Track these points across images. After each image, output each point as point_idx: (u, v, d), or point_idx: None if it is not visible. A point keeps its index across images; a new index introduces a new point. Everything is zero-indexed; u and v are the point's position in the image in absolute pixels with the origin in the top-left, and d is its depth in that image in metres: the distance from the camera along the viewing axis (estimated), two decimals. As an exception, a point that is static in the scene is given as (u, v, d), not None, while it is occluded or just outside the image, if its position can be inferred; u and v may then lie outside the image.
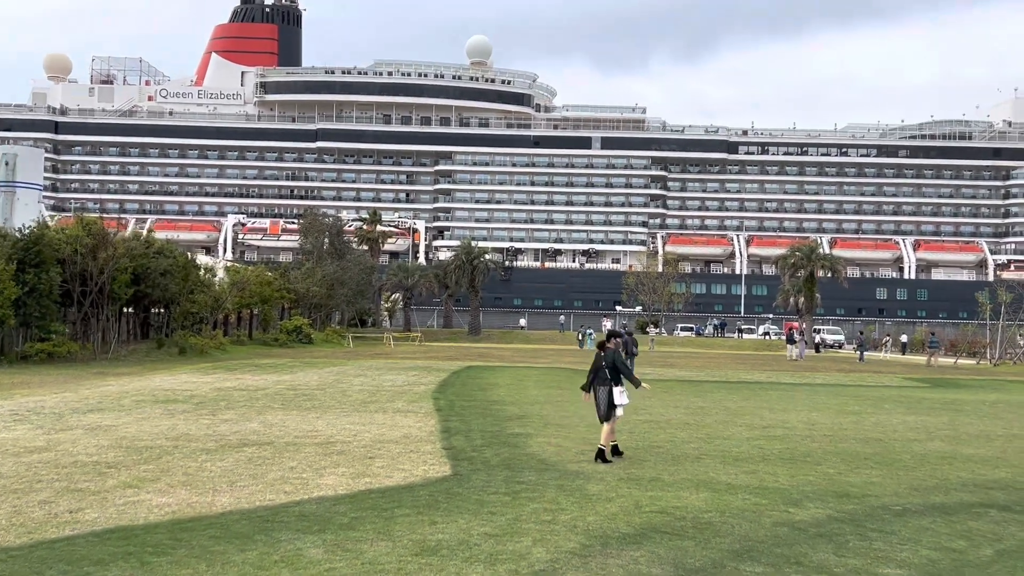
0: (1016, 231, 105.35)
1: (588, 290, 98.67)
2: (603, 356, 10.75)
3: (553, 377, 25.27)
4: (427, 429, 12.96)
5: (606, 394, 10.52)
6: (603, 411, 10.58)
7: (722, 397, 19.94)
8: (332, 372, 25.03)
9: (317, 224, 55.54)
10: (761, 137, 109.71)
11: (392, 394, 18.47)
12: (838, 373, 32.00)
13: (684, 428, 13.83)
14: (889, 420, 15.90)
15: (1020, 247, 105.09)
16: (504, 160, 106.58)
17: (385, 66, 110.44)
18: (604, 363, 10.65)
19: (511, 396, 18.60)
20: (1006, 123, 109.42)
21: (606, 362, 10.65)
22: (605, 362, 10.66)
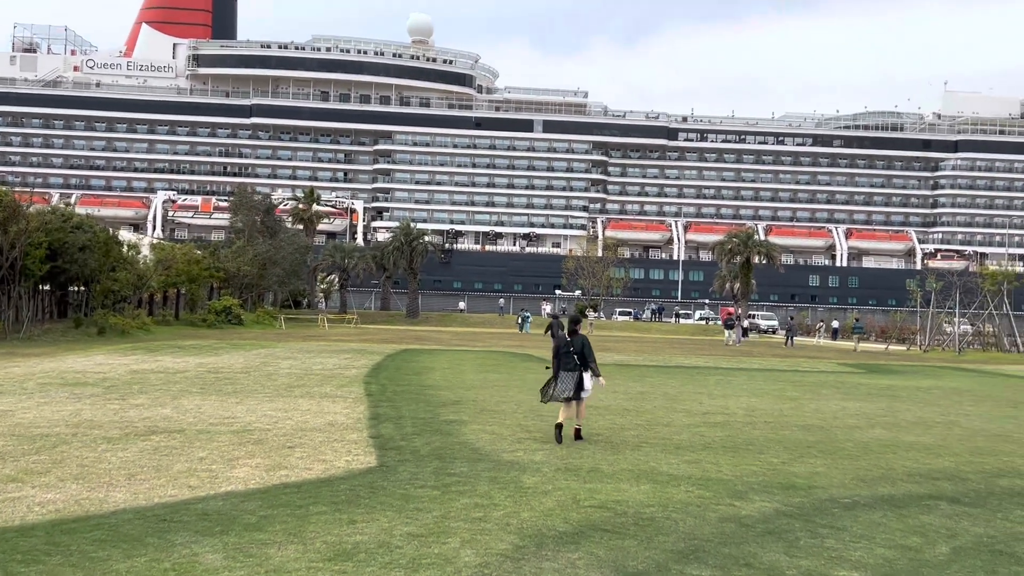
0: (943, 221, 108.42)
1: (528, 274, 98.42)
2: (571, 342, 10.76)
3: (491, 361, 24.69)
4: (355, 416, 12.23)
5: (574, 379, 10.58)
6: (570, 392, 10.61)
7: (661, 382, 19.61)
8: (260, 354, 24.01)
9: (248, 201, 53.79)
10: (700, 124, 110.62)
11: (321, 378, 17.65)
12: (774, 358, 32.13)
13: (624, 414, 13.38)
14: (828, 406, 15.71)
15: (947, 236, 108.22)
16: (445, 141, 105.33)
17: (323, 42, 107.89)
18: (572, 348, 10.68)
19: (446, 381, 17.95)
20: (936, 115, 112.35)
21: (574, 347, 10.69)
22: (573, 347, 10.69)
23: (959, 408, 16.35)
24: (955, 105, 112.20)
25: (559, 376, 10.65)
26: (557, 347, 10.85)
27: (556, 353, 10.79)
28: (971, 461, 10.28)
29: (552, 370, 10.81)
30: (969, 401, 17.74)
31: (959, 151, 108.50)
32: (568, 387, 10.58)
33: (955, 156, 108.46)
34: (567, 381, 10.59)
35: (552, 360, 10.89)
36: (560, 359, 10.68)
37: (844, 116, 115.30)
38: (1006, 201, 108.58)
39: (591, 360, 10.72)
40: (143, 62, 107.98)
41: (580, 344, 10.74)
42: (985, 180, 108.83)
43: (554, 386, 10.66)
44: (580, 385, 10.58)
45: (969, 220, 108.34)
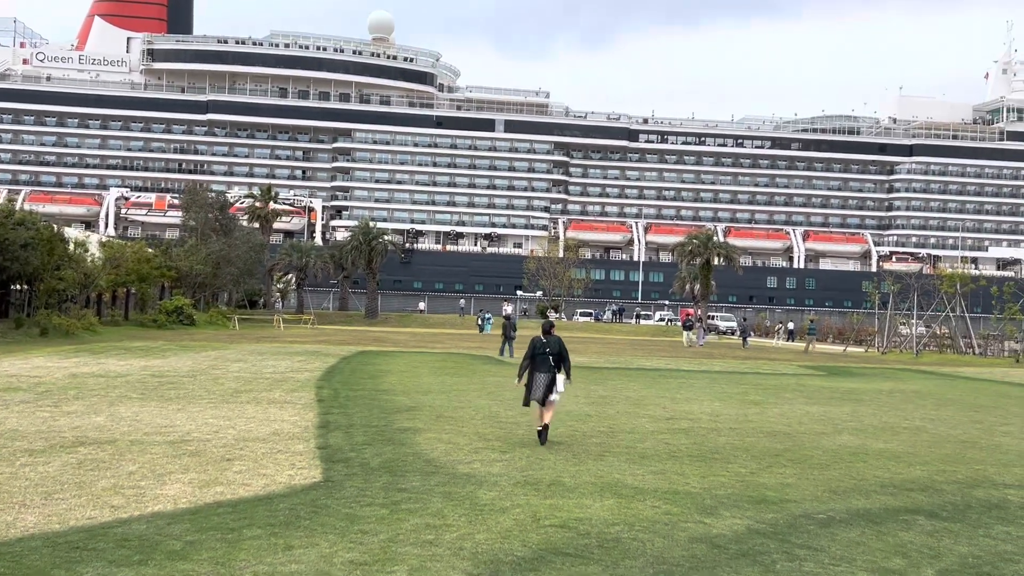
0: (898, 224, 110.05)
1: (489, 274, 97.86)
2: (547, 343, 10.74)
3: (450, 363, 24.09)
4: (303, 424, 11.56)
5: (547, 380, 10.56)
6: (540, 395, 10.56)
7: (623, 385, 19.19)
8: (209, 357, 23.13)
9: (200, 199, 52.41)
10: (661, 126, 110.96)
11: (271, 382, 16.90)
12: (734, 360, 31.96)
13: (585, 420, 12.89)
14: (793, 411, 15.40)
15: (901, 239, 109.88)
16: (406, 139, 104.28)
17: (282, 38, 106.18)
18: (548, 350, 10.65)
19: (403, 385, 17.32)
20: (891, 120, 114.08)
21: (550, 349, 10.67)
22: (549, 349, 10.66)
23: (923, 412, 16.15)
24: (910, 110, 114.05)
25: (533, 378, 10.59)
26: (532, 349, 10.72)
27: (531, 355, 10.70)
28: (943, 470, 9.96)
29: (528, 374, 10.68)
30: (932, 405, 17.58)
31: (914, 155, 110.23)
32: (539, 390, 10.50)
33: (910, 160, 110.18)
34: (539, 383, 10.53)
35: (524, 362, 10.78)
36: (535, 361, 10.60)
37: (802, 119, 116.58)
38: (959, 205, 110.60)
39: (566, 363, 10.66)
40: (95, 56, 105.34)
41: (556, 346, 10.67)
42: (939, 184, 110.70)
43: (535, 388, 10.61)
44: (551, 388, 10.48)
45: (923, 223, 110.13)
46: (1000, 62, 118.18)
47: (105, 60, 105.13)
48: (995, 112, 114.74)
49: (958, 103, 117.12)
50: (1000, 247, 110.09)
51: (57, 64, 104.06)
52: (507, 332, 28.77)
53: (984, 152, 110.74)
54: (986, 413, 16.50)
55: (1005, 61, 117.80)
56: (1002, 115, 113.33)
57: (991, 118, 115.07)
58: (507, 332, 28.77)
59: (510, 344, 28.70)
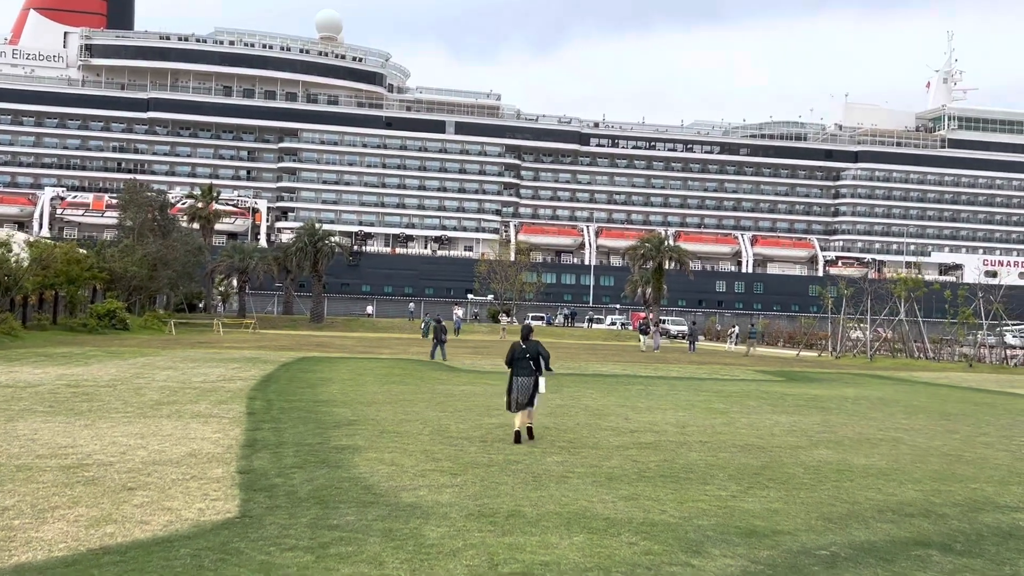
0: (844, 229, 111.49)
1: (440, 277, 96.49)
2: (526, 348, 11.18)
3: (397, 370, 22.80)
4: (226, 442, 10.23)
5: (531, 383, 11.02)
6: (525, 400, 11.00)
7: (580, 393, 18.15)
8: (136, 364, 21.50)
9: (138, 198, 50.12)
10: (612, 130, 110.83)
11: (199, 392, 15.46)
12: (690, 365, 31.23)
13: (544, 434, 11.79)
14: (762, 421, 14.50)
15: (847, 244, 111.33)
16: (354, 140, 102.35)
17: (227, 35, 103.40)
18: (528, 355, 11.11)
19: (344, 395, 16.03)
20: (837, 126, 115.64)
21: (529, 353, 11.13)
22: (528, 353, 11.13)
23: (894, 421, 15.40)
24: (855, 117, 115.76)
25: (514, 383, 10.98)
26: (512, 354, 11.16)
27: (511, 360, 11.12)
28: (938, 490, 9.07)
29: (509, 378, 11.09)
30: (901, 413, 16.87)
31: (859, 161, 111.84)
32: (525, 394, 10.94)
33: (855, 166, 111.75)
34: (524, 387, 10.94)
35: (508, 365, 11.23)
36: (515, 365, 11.03)
37: (750, 125, 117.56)
38: (902, 211, 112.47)
39: (547, 362, 11.22)
40: (30, 50, 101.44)
41: (535, 350, 11.14)
42: (883, 190, 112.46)
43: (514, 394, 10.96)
44: (536, 390, 11.01)
45: (868, 228, 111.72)
46: (941, 71, 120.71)
47: (40, 55, 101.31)
48: (937, 120, 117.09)
49: (901, 111, 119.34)
50: (942, 252, 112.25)
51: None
52: (438, 335, 28.50)
53: (927, 159, 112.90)
54: (958, 422, 15.82)
55: (946, 71, 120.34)
56: (943, 123, 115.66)
57: (933, 126, 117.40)
58: (438, 335, 28.50)
59: (442, 347, 28.49)
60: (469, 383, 19.62)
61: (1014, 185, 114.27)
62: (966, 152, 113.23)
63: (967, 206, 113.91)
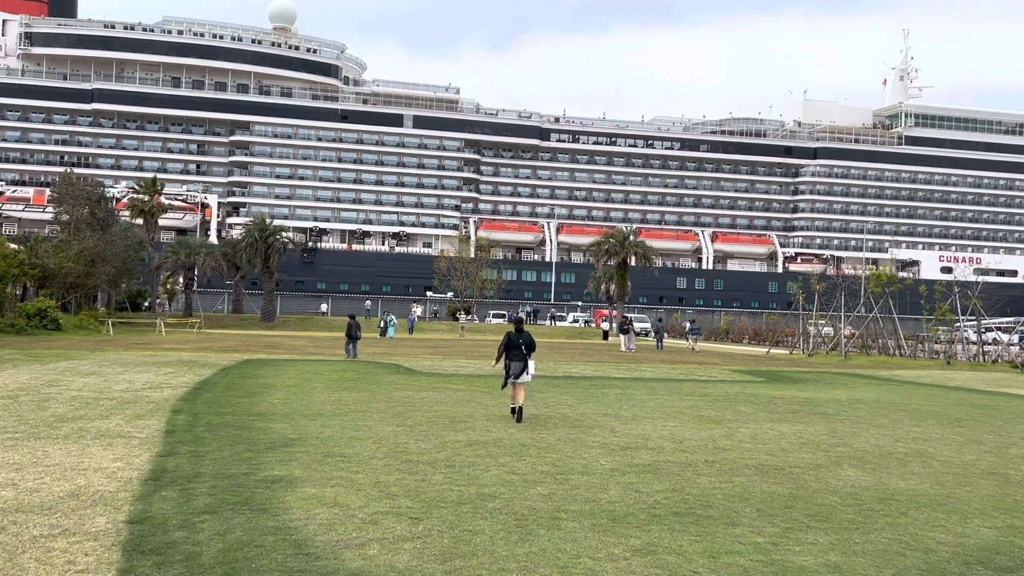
0: (802, 226, 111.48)
1: (398, 274, 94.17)
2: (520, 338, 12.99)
3: (350, 374, 20.74)
4: (127, 474, 8.14)
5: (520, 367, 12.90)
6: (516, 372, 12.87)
7: (555, 399, 16.31)
8: (56, 369, 19.14)
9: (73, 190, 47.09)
10: (572, 125, 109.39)
11: (115, 404, 13.28)
12: (663, 365, 29.60)
13: (522, 453, 9.92)
14: (763, 432, 12.78)
15: (806, 241, 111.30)
16: (309, 134, 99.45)
17: (175, 24, 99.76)
18: (522, 341, 13.01)
19: (287, 405, 13.97)
20: (796, 123, 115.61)
21: (524, 340, 13.04)
22: (523, 340, 13.04)
23: (905, 430, 13.81)
24: (814, 114, 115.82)
25: (510, 366, 12.88)
26: (508, 341, 12.99)
27: (507, 346, 12.99)
28: (1014, 527, 7.38)
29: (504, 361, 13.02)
30: (908, 420, 15.30)
31: (818, 158, 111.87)
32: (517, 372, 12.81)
33: (814, 163, 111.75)
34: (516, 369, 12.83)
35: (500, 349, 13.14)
36: (509, 352, 12.94)
37: (710, 121, 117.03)
38: (860, 207, 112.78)
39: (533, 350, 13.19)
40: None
41: (529, 340, 13.15)
42: (841, 186, 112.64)
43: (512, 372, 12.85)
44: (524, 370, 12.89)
45: (827, 225, 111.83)
46: (897, 69, 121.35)
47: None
48: (894, 117, 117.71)
49: (859, 108, 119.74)
50: (900, 248, 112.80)
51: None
52: (352, 332, 27.75)
53: (884, 156, 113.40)
54: (974, 429, 14.29)
55: (902, 68, 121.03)
56: (900, 120, 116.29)
57: (890, 123, 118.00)
58: (352, 332, 27.75)
59: (354, 345, 27.64)
60: (431, 388, 17.68)
61: (969, 182, 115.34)
62: (922, 149, 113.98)
63: (924, 203, 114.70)
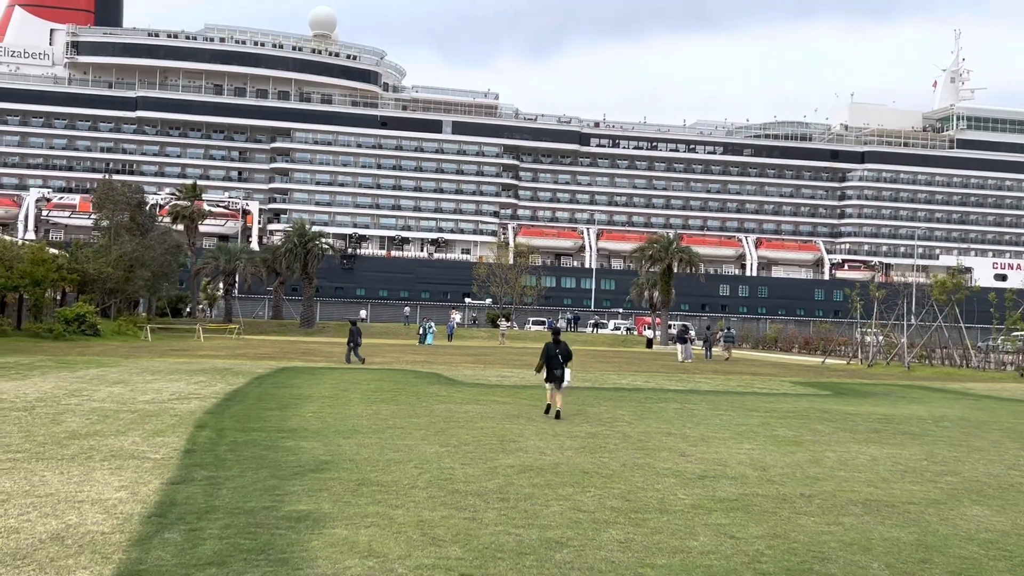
0: (850, 232, 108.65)
1: (436, 281, 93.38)
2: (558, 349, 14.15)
3: (389, 384, 19.60)
4: (127, 508, 6.95)
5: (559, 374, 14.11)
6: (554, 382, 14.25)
7: (610, 415, 14.99)
8: (84, 376, 18.27)
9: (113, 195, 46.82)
10: (613, 130, 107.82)
11: (136, 418, 12.24)
12: (716, 376, 28.08)
13: (584, 482, 8.63)
14: (852, 456, 11.34)
15: (853, 247, 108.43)
16: (348, 140, 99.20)
17: (217, 32, 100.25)
18: (559, 352, 14.15)
19: (321, 420, 12.84)
20: (843, 127, 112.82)
21: (560, 350, 14.17)
22: (560, 350, 14.18)
23: (1014, 455, 12.23)
24: (862, 117, 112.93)
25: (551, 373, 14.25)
26: (547, 352, 14.23)
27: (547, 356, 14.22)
28: None
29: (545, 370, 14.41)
30: (1010, 441, 13.68)
31: (865, 162, 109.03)
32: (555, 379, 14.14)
33: (862, 167, 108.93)
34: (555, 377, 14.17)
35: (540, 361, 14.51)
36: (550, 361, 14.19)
37: (754, 125, 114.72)
38: (910, 213, 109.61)
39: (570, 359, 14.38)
40: (15, 48, 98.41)
41: (566, 351, 14.31)
42: (890, 191, 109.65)
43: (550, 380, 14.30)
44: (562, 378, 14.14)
45: (875, 231, 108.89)
46: (948, 70, 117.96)
47: (26, 53, 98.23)
48: (945, 120, 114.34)
49: (908, 111, 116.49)
50: (951, 255, 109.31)
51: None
52: (353, 338, 27.54)
53: (934, 160, 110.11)
54: (1085, 452, 12.67)
55: (953, 70, 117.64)
56: (952, 123, 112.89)
57: (941, 126, 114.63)
58: (353, 338, 27.54)
59: (355, 351, 27.26)
60: (474, 401, 16.47)
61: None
62: (975, 152, 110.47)
63: (976, 208, 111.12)
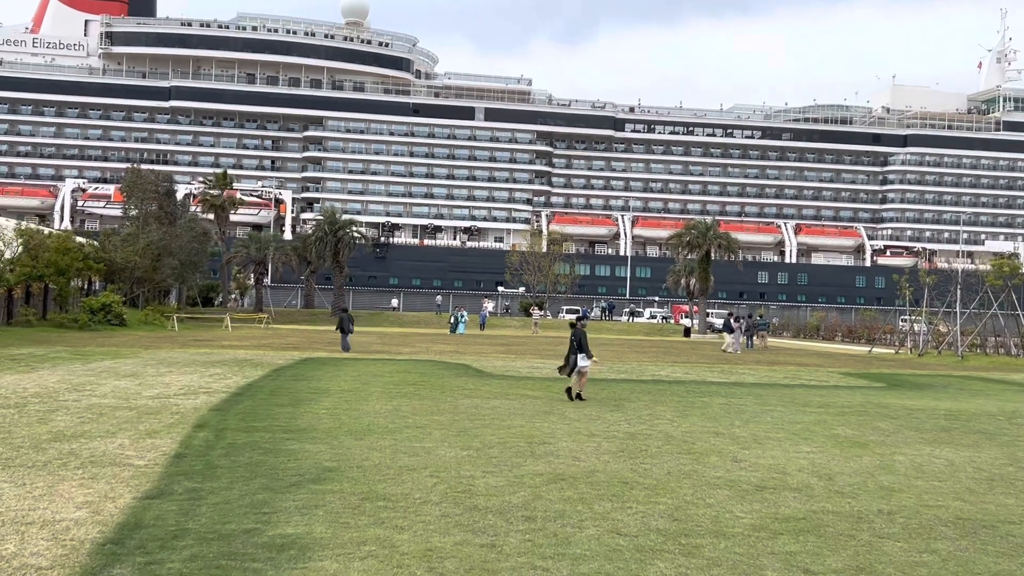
0: (892, 217, 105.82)
1: (469, 269, 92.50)
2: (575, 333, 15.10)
3: (413, 376, 18.59)
4: (84, 531, 5.87)
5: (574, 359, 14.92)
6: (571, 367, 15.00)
7: (649, 411, 13.79)
8: (93, 370, 17.47)
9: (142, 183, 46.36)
10: (648, 115, 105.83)
11: (133, 416, 11.30)
12: (760, 367, 26.71)
13: (624, 495, 7.49)
14: (928, 461, 10.04)
15: (895, 233, 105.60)
16: (381, 128, 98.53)
17: (249, 20, 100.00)
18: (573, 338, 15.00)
19: (334, 417, 11.81)
20: (884, 109, 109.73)
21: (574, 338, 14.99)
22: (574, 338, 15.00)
23: (1103, 456, 10.87)
24: (903, 100, 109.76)
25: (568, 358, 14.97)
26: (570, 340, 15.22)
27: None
28: None
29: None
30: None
31: (908, 146, 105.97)
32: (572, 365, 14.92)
33: (904, 151, 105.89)
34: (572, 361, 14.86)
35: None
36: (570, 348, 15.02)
37: (793, 109, 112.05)
38: (954, 197, 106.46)
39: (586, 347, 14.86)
40: (51, 39, 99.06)
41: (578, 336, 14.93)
42: (934, 176, 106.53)
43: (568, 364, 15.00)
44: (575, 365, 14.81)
45: (918, 216, 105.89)
46: (994, 51, 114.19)
47: (61, 43, 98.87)
48: (991, 102, 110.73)
49: (952, 92, 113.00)
50: (997, 240, 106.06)
51: (10, 48, 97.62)
52: (344, 326, 27.05)
53: (980, 143, 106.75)
54: None
55: (999, 50, 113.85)
56: (998, 104, 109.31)
57: (986, 108, 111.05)
58: (344, 326, 27.05)
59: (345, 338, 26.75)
60: (503, 395, 15.37)
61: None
62: (1022, 135, 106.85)
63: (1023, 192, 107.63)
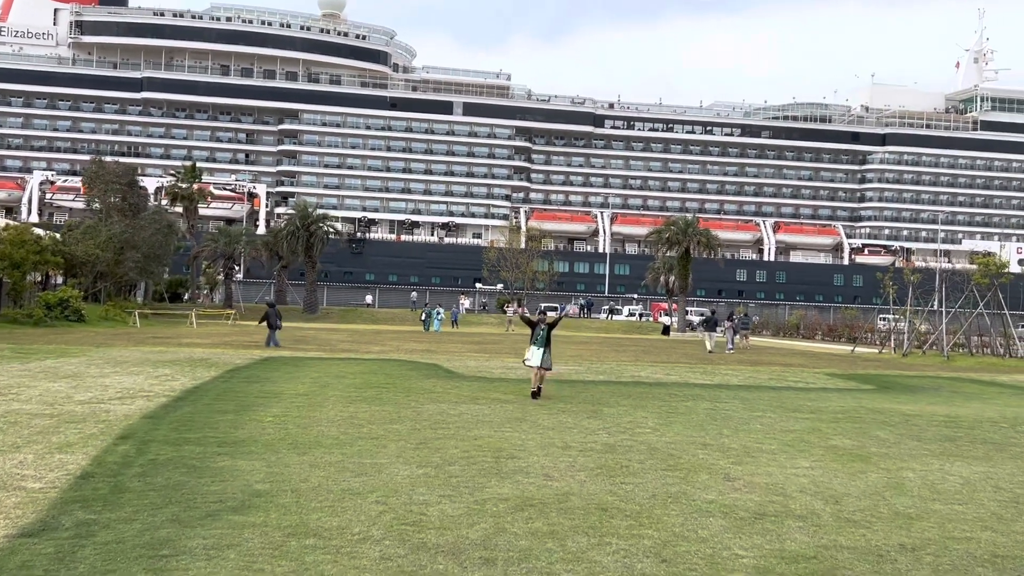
0: (870, 216, 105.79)
1: (447, 265, 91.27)
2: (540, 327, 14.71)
3: (378, 377, 17.39)
4: None
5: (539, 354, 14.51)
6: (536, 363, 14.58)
7: (630, 417, 12.70)
8: (30, 370, 16.12)
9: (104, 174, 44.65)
10: (628, 111, 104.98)
11: (51, 425, 10.03)
12: (742, 366, 25.76)
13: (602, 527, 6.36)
14: (939, 478, 9.01)
15: (873, 231, 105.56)
16: (357, 122, 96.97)
17: (223, 11, 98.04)
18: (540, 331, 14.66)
19: (280, 426, 10.61)
20: (863, 108, 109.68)
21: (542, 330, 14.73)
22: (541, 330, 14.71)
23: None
24: (882, 98, 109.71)
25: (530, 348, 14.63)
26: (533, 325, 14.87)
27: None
28: None
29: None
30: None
31: (887, 144, 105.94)
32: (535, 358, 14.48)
33: (883, 149, 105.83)
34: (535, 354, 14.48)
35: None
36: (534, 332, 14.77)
37: (772, 107, 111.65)
38: (932, 196, 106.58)
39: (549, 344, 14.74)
40: (19, 28, 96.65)
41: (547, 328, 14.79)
42: (912, 174, 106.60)
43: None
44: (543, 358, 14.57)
45: (896, 215, 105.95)
46: (971, 51, 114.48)
47: (29, 32, 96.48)
48: (968, 101, 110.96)
49: (930, 92, 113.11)
50: (974, 240, 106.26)
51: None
52: (271, 320, 26.79)
53: (958, 142, 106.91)
54: None
55: (977, 49, 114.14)
56: (976, 104, 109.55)
57: (964, 107, 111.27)
58: (271, 320, 26.79)
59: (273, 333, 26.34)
60: (471, 399, 14.23)
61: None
62: (1000, 134, 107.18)
63: (1000, 191, 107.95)
